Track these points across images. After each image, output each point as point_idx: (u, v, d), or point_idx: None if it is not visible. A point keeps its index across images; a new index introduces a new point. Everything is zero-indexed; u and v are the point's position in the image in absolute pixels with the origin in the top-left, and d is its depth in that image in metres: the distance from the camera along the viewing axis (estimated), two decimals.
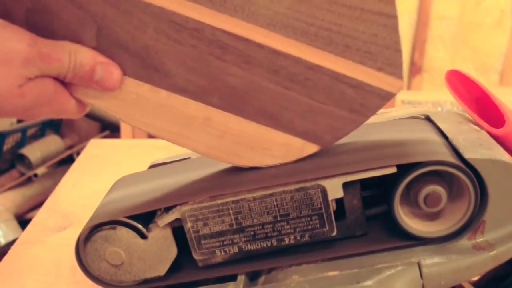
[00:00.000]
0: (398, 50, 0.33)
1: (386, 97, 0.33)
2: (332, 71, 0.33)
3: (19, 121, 1.67)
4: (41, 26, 0.31)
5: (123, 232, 0.34)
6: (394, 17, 0.32)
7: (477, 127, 0.38)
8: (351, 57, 0.33)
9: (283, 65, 0.33)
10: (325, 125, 0.34)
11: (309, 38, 0.32)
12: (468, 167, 0.32)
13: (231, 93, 0.33)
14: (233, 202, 0.33)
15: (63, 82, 0.32)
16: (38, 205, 1.43)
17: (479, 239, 0.34)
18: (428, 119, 0.40)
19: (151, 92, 0.33)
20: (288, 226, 0.34)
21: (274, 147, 0.34)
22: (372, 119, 0.41)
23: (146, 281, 0.35)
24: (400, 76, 0.33)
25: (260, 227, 0.34)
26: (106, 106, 0.33)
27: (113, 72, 0.32)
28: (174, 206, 0.34)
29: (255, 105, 0.33)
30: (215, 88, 0.33)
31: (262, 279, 0.35)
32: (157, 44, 0.32)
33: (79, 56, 0.31)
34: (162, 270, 0.35)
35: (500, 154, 0.34)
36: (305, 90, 0.33)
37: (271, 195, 0.33)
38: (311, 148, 0.35)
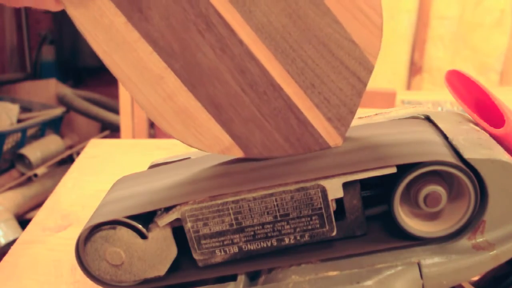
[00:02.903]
0: (352, 113, 0.35)
1: (321, 145, 0.35)
2: (289, 98, 0.34)
3: (19, 121, 1.67)
4: None
5: (123, 232, 0.34)
6: (364, 84, 0.34)
7: (477, 127, 0.38)
8: (312, 96, 0.34)
9: (251, 70, 0.34)
10: (258, 139, 0.35)
11: (285, 61, 0.34)
12: (468, 167, 0.32)
13: (194, 68, 0.34)
14: (233, 202, 0.33)
15: None
16: (38, 205, 1.43)
17: (479, 239, 0.34)
18: (428, 119, 0.40)
19: (124, 27, 0.33)
20: (288, 226, 0.34)
21: (207, 134, 0.35)
22: (372, 119, 0.41)
23: (146, 281, 0.36)
24: (342, 135, 0.35)
25: (260, 227, 0.34)
26: (77, 15, 0.33)
27: None
28: (174, 206, 0.34)
29: (209, 90, 0.34)
30: (182, 56, 0.34)
31: (262, 279, 0.35)
32: None
33: None
34: (162, 270, 0.35)
35: (500, 154, 0.34)
36: (258, 101, 0.34)
37: (271, 195, 0.33)
38: (237, 152, 0.36)
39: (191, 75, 0.34)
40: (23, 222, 1.38)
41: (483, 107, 0.40)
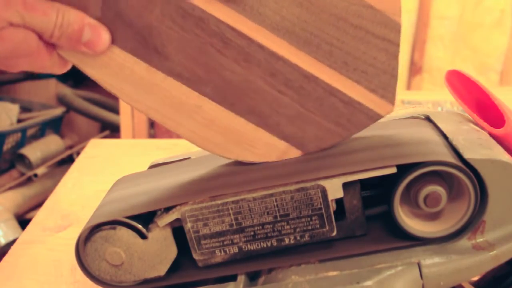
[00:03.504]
0: (394, 76, 0.34)
1: (373, 118, 0.35)
2: (327, 84, 0.34)
3: (19, 121, 1.67)
4: None
5: (123, 232, 0.34)
6: (397, 44, 0.33)
7: (477, 127, 0.38)
8: (348, 74, 0.34)
9: (280, 70, 0.33)
10: (311, 133, 0.35)
11: (310, 49, 0.33)
12: (468, 167, 0.32)
13: (226, 87, 0.33)
14: (233, 202, 0.33)
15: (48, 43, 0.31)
16: (38, 205, 1.43)
17: (479, 239, 0.34)
18: (428, 119, 0.40)
19: (147, 72, 0.33)
20: (288, 226, 0.34)
21: (258, 145, 0.35)
22: None
23: (146, 281, 0.35)
24: (391, 101, 0.34)
25: (260, 227, 0.34)
26: (98, 75, 0.33)
27: (102, 34, 0.32)
28: (174, 206, 0.34)
29: (247, 102, 0.34)
30: (210, 79, 0.33)
31: (262, 279, 0.35)
32: (161, 26, 0.32)
33: (67, 15, 0.31)
34: (162, 270, 0.35)
35: (500, 154, 0.34)
36: (298, 97, 0.34)
37: (271, 195, 0.33)
38: (294, 152, 0.35)
39: (225, 94, 0.34)
40: (23, 222, 1.38)
41: (483, 107, 0.40)
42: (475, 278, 0.40)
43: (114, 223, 0.34)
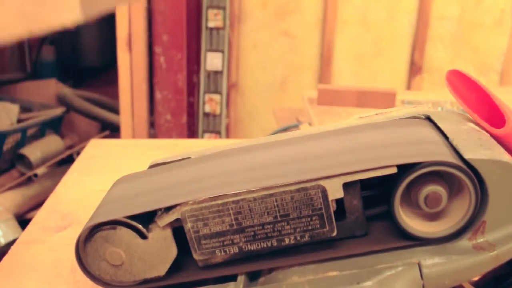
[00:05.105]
0: None
1: None
2: None
3: (19, 121, 1.67)
4: None
5: (123, 232, 0.34)
6: None
7: (477, 127, 0.38)
8: None
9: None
10: None
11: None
12: (469, 167, 0.32)
13: None
14: (233, 202, 0.33)
15: None
16: (38, 205, 1.43)
17: (480, 240, 0.34)
18: (428, 119, 0.40)
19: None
20: (288, 226, 0.34)
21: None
22: (372, 119, 0.41)
23: (146, 281, 0.35)
24: None
25: (260, 227, 0.34)
26: None
27: None
28: (174, 206, 0.34)
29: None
30: None
31: (262, 279, 0.35)
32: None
33: None
34: (162, 270, 0.35)
35: (501, 154, 0.33)
36: None
37: (271, 195, 0.33)
38: None
39: None
40: (23, 222, 1.38)
41: (484, 107, 0.39)
42: (475, 278, 0.40)
43: (114, 223, 0.34)
